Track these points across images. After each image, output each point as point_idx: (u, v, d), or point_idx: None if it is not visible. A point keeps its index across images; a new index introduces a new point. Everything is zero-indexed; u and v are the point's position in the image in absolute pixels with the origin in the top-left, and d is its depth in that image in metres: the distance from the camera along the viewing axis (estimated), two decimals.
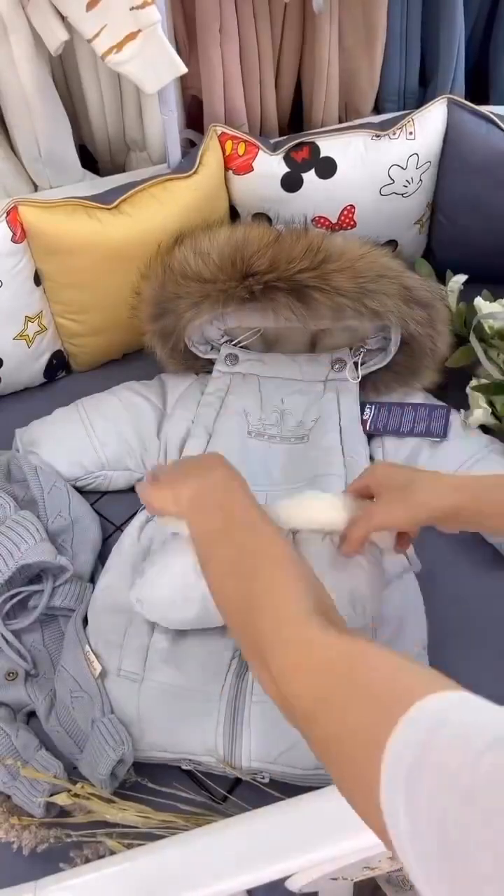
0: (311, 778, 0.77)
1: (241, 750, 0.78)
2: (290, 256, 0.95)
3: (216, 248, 0.98)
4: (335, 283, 0.95)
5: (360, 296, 0.95)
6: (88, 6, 0.90)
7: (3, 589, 0.91)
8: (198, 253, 0.99)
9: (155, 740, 0.81)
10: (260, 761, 0.78)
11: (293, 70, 1.23)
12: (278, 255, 0.96)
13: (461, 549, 0.99)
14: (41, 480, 1.00)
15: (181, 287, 0.99)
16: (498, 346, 1.09)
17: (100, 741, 0.78)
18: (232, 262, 0.97)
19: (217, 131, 1.11)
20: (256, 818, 0.64)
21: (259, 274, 0.95)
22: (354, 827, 0.60)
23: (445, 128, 1.12)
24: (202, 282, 0.98)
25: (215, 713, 0.80)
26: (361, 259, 0.97)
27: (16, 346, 1.13)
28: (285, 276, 0.95)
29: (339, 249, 0.97)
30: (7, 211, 1.01)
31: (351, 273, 0.95)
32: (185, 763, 0.82)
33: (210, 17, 1.08)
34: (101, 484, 1.08)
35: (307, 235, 0.98)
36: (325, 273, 0.95)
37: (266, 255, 0.96)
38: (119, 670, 0.85)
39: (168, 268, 1.00)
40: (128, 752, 0.79)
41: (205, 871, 0.60)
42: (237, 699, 0.81)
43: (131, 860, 0.63)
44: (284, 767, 0.78)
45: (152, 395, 1.12)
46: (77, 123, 1.23)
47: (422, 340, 1.02)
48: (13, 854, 0.77)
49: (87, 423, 1.08)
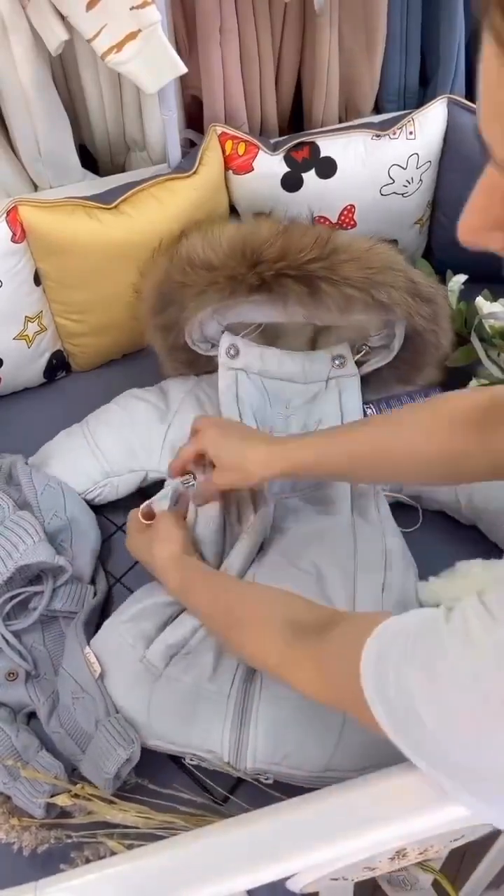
0: (315, 781, 0.77)
1: (246, 750, 0.79)
2: (300, 246, 0.95)
3: (226, 236, 0.98)
4: (344, 272, 0.94)
5: (368, 286, 0.95)
6: (88, 6, 0.90)
7: (3, 590, 0.91)
8: (206, 241, 0.98)
9: (162, 732, 0.81)
10: (265, 762, 0.78)
11: (293, 70, 1.22)
12: (288, 244, 0.95)
13: (461, 550, 0.99)
14: (34, 481, 1.00)
15: (187, 275, 0.98)
16: (499, 346, 1.09)
17: (107, 740, 0.79)
18: (241, 251, 0.96)
19: (217, 131, 1.11)
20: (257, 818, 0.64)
21: (269, 262, 0.95)
22: (354, 827, 0.60)
23: (445, 128, 1.12)
24: (210, 269, 0.97)
25: (223, 713, 0.80)
26: (369, 251, 0.97)
27: (16, 346, 1.12)
28: (295, 264, 0.95)
29: (346, 242, 0.97)
30: (7, 211, 1.00)
31: (359, 264, 0.95)
32: (190, 757, 0.82)
33: (210, 17, 1.08)
34: (109, 494, 1.07)
35: (315, 228, 0.98)
36: (335, 264, 0.95)
37: (276, 244, 0.95)
38: (143, 658, 0.85)
39: (175, 256, 1.00)
40: (136, 750, 0.79)
41: (205, 872, 0.60)
42: (245, 700, 0.81)
43: (132, 861, 0.62)
44: (289, 769, 0.78)
45: (153, 399, 1.11)
46: (77, 123, 1.23)
47: (426, 336, 1.01)
48: (14, 855, 0.77)
49: (89, 436, 1.07)
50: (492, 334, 1.10)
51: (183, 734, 0.81)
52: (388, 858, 0.67)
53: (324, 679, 0.63)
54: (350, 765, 0.76)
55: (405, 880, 0.78)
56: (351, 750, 0.77)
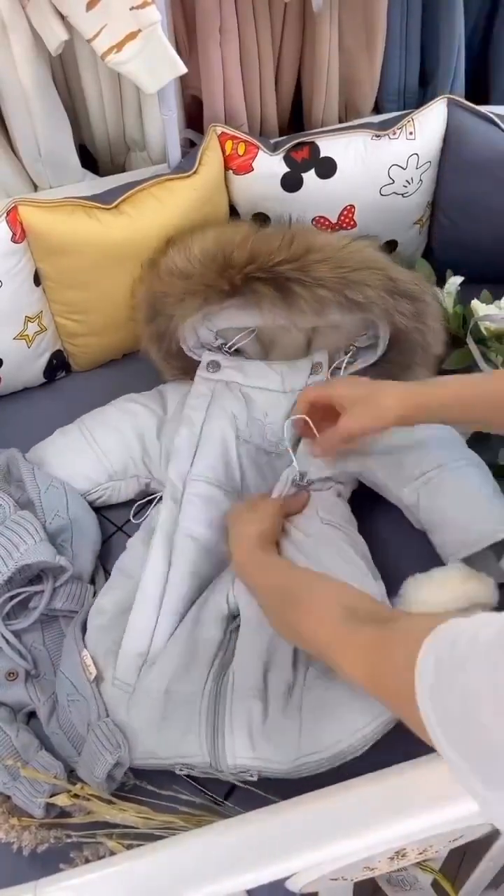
0: (293, 772, 0.77)
1: (224, 748, 0.79)
2: (270, 248, 0.95)
3: (199, 244, 0.98)
4: (316, 273, 0.94)
5: (341, 287, 0.94)
6: (88, 6, 0.90)
7: (4, 589, 0.91)
8: (181, 250, 0.99)
9: (147, 748, 0.81)
10: (243, 757, 0.78)
11: (293, 70, 1.22)
12: (258, 247, 0.95)
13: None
14: (37, 480, 1.00)
15: (166, 284, 0.99)
16: (495, 348, 1.09)
17: (96, 745, 0.79)
18: (213, 258, 0.97)
19: (217, 131, 1.11)
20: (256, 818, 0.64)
21: (238, 266, 0.95)
22: (354, 827, 0.60)
23: (445, 128, 1.12)
24: (186, 277, 0.98)
25: (198, 714, 0.81)
26: (343, 250, 0.96)
27: (16, 346, 1.12)
28: (265, 267, 0.95)
29: (320, 242, 0.97)
30: (7, 211, 1.01)
31: (332, 263, 0.94)
32: (179, 768, 0.82)
33: (210, 17, 1.08)
34: (111, 497, 1.07)
35: (289, 229, 0.98)
36: (306, 265, 0.94)
37: (246, 247, 0.95)
38: (114, 679, 0.86)
39: (155, 267, 1.01)
40: (124, 755, 0.79)
41: (205, 872, 0.60)
42: (217, 698, 0.81)
43: (131, 861, 0.62)
44: (267, 763, 0.78)
45: (151, 403, 1.11)
46: (77, 123, 1.23)
47: (410, 335, 1.00)
48: (13, 854, 0.77)
49: (87, 434, 1.07)
50: (488, 336, 1.09)
51: (163, 744, 0.81)
52: (387, 858, 0.67)
53: (373, 666, 0.63)
54: (318, 746, 0.77)
55: (405, 880, 0.78)
56: (315, 732, 0.78)
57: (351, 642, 0.66)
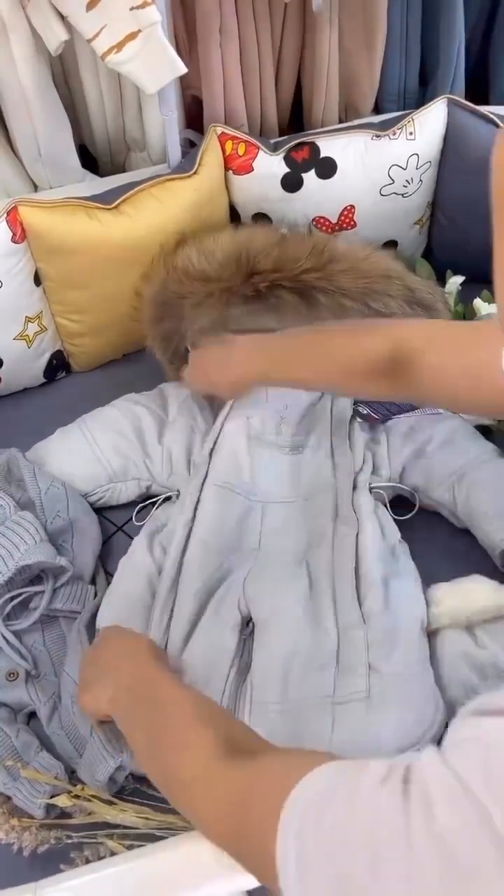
0: None
1: None
2: (296, 256, 0.95)
3: (220, 247, 0.98)
4: (340, 283, 0.95)
5: (364, 297, 0.95)
6: (88, 6, 0.90)
7: (4, 590, 0.91)
8: (202, 252, 0.99)
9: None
10: None
11: (293, 70, 1.22)
12: (284, 254, 0.96)
13: (461, 564, 0.97)
14: (38, 480, 1.00)
15: (184, 286, 0.98)
16: None
17: (98, 748, 0.78)
18: (236, 261, 0.96)
19: (217, 131, 1.11)
20: None
21: (265, 272, 0.95)
22: None
23: (445, 128, 1.12)
24: (206, 280, 0.97)
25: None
26: (366, 260, 0.97)
27: (16, 346, 1.12)
28: (291, 275, 0.95)
29: (342, 251, 0.97)
30: (7, 211, 1.00)
31: (356, 274, 0.95)
32: None
33: (210, 18, 1.08)
34: (111, 498, 1.07)
35: (311, 237, 0.98)
36: (331, 274, 0.95)
37: (272, 254, 0.96)
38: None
39: (171, 267, 1.00)
40: (126, 758, 0.78)
41: (205, 872, 0.60)
42: (235, 707, 0.81)
43: (131, 861, 0.62)
44: None
45: (152, 404, 1.10)
46: (77, 123, 1.23)
47: None
48: (13, 855, 0.77)
49: (88, 435, 1.07)
50: None
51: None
52: None
53: (234, 814, 0.55)
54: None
55: None
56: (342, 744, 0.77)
57: (217, 780, 0.57)
